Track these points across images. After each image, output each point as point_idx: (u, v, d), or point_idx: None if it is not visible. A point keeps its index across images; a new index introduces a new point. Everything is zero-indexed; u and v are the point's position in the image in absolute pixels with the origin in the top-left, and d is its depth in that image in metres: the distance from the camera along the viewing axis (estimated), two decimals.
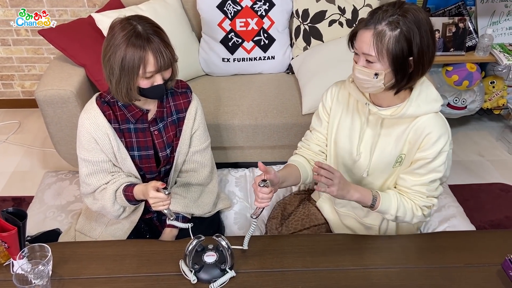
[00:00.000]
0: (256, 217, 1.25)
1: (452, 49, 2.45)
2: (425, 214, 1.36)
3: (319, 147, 1.51)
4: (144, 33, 1.28)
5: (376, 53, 1.18)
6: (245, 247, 1.29)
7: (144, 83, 1.33)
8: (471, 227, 1.85)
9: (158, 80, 1.34)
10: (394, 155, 1.35)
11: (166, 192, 1.30)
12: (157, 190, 1.31)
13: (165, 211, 1.35)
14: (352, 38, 1.25)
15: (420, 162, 1.30)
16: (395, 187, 1.41)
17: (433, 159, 1.28)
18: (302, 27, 2.33)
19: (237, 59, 2.35)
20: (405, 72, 1.21)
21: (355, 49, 1.25)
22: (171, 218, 1.37)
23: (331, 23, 2.30)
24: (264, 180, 1.22)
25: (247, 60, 2.36)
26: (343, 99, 1.43)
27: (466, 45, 2.46)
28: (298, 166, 1.44)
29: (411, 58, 1.19)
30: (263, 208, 1.25)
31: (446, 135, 1.28)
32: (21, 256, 1.17)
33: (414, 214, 1.35)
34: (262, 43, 2.33)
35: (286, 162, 1.53)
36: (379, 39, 1.16)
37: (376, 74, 1.20)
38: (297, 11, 2.31)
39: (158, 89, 1.36)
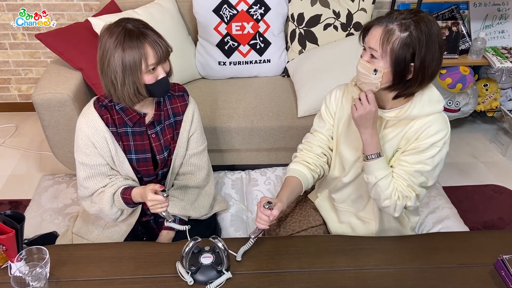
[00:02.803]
0: (255, 237, 1.27)
1: (445, 53, 2.47)
2: (398, 203, 1.34)
3: (322, 149, 1.51)
4: (136, 29, 1.30)
5: (381, 50, 1.20)
6: (239, 258, 1.29)
7: (149, 79, 1.33)
8: (465, 228, 1.87)
9: (161, 73, 1.35)
10: (390, 151, 1.37)
11: (165, 195, 1.31)
12: (156, 193, 1.32)
13: (163, 214, 1.36)
14: (364, 33, 1.27)
15: (411, 151, 1.32)
16: None
17: (424, 149, 1.30)
18: (297, 31, 2.35)
19: (233, 62, 2.36)
20: (403, 77, 1.23)
21: (364, 43, 1.27)
22: (169, 220, 1.38)
23: (326, 26, 2.32)
24: (269, 202, 1.25)
25: (243, 64, 2.37)
26: (347, 103, 1.44)
27: (460, 49, 2.49)
28: (299, 177, 1.44)
29: (412, 64, 1.21)
30: (263, 230, 1.28)
31: (444, 131, 1.30)
32: (19, 259, 1.17)
33: (391, 196, 1.33)
34: (257, 46, 2.35)
35: (282, 164, 1.53)
36: (387, 37, 1.19)
37: (375, 70, 1.23)
38: (292, 15, 2.33)
39: (163, 83, 1.37)
